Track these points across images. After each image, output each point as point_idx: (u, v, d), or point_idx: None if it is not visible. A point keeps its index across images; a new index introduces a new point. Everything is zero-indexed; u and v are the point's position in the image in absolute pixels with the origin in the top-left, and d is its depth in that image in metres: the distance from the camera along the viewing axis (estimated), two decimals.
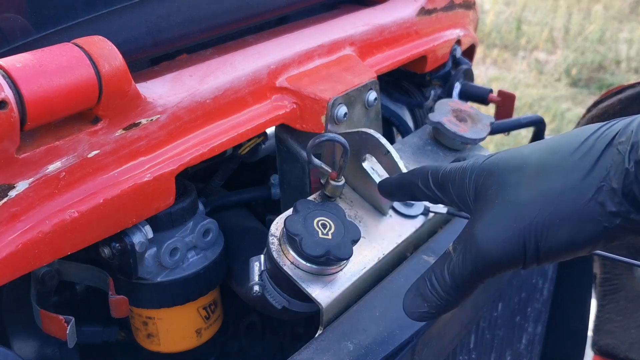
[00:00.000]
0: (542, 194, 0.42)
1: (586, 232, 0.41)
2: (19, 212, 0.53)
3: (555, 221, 0.42)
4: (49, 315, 0.64)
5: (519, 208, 0.43)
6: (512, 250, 0.43)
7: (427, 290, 0.49)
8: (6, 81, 0.49)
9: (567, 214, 0.41)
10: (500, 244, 0.43)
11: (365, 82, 0.77)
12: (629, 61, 4.20)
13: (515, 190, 0.44)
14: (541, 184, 0.43)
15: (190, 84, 0.66)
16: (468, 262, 0.46)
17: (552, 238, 0.42)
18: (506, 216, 0.43)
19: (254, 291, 0.64)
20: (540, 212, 0.42)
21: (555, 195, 0.42)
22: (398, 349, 0.57)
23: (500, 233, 0.43)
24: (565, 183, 0.42)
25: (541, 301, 0.97)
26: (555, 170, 0.43)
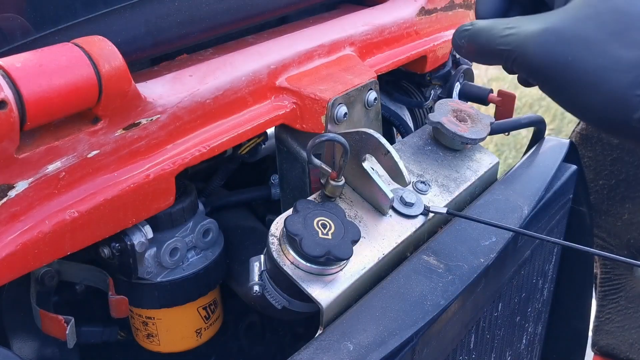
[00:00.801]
0: (619, 55, 0.42)
1: (612, 108, 0.42)
2: (19, 212, 0.53)
3: (604, 77, 0.42)
4: (49, 316, 0.64)
5: (588, 42, 0.43)
6: (553, 64, 0.44)
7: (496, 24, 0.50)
8: (6, 81, 0.49)
9: (617, 86, 0.42)
10: (550, 48, 0.44)
11: (365, 82, 0.77)
12: None
13: (606, 26, 0.44)
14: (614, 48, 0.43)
15: (190, 84, 0.66)
16: (505, 37, 0.47)
17: (589, 87, 0.43)
18: (570, 36, 0.44)
19: (254, 291, 0.64)
20: (604, 61, 0.42)
21: (626, 66, 0.42)
22: (398, 349, 0.57)
23: (563, 37, 0.44)
24: (636, 68, 0.42)
25: (541, 301, 0.97)
26: (633, 47, 0.43)
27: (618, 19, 0.44)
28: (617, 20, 0.44)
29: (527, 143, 1.02)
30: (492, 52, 0.51)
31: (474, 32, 0.53)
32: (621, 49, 0.43)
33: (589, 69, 0.43)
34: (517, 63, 0.49)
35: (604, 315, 1.27)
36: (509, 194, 0.80)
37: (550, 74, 0.45)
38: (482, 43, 0.52)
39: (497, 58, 0.51)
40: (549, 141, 0.94)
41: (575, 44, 0.44)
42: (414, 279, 0.65)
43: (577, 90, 0.43)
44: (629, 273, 1.23)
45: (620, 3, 0.45)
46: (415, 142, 0.84)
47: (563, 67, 0.44)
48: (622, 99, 0.42)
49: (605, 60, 0.43)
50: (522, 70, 0.49)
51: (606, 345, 1.26)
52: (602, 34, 0.44)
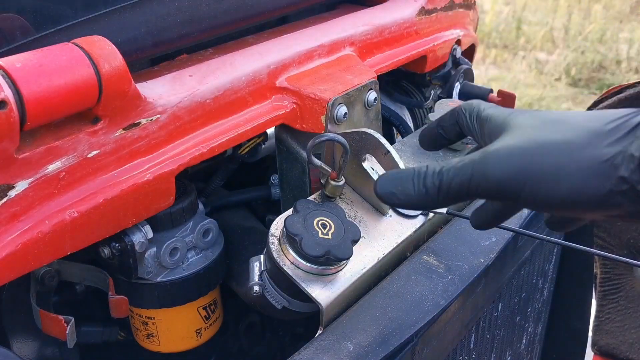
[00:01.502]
0: (566, 140, 0.44)
1: (590, 188, 0.42)
2: (19, 212, 0.53)
3: (568, 166, 0.43)
4: (49, 316, 0.64)
5: (532, 138, 0.44)
6: (511, 175, 0.44)
7: (409, 177, 0.49)
8: (6, 81, 0.49)
9: (582, 164, 0.42)
10: (503, 165, 0.44)
11: (365, 82, 0.77)
12: (629, 61, 4.20)
13: (543, 130, 0.45)
14: (569, 134, 0.44)
15: (190, 84, 0.66)
16: (467, 169, 0.46)
17: (557, 181, 0.43)
18: (518, 141, 0.45)
19: (254, 291, 0.64)
20: (558, 152, 0.43)
21: (578, 146, 0.43)
22: (398, 349, 0.57)
23: (508, 153, 0.44)
24: (590, 141, 0.43)
25: (541, 301, 0.97)
26: (584, 129, 0.44)
27: (556, 123, 0.46)
28: (555, 124, 0.46)
29: None
30: (450, 192, 0.48)
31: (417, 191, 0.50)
32: (571, 135, 0.44)
33: (553, 162, 0.44)
34: (483, 190, 0.47)
35: (603, 315, 1.27)
36: None
37: (521, 185, 0.44)
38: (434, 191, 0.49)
39: (457, 196, 0.49)
40: None
41: (529, 149, 0.45)
42: (414, 279, 0.65)
43: (550, 186, 0.44)
44: (629, 273, 1.23)
45: (551, 115, 0.47)
46: (415, 142, 0.84)
47: (529, 173, 0.44)
48: (594, 173, 0.42)
49: (563, 148, 0.44)
50: (490, 195, 0.47)
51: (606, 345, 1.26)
52: (549, 134, 0.45)
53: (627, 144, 0.42)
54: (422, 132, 0.61)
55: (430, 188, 0.48)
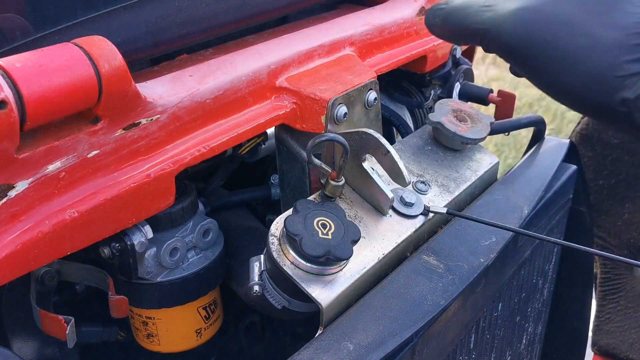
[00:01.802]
0: (595, 35, 0.41)
1: (593, 96, 0.41)
2: (19, 212, 0.53)
3: (583, 63, 0.41)
4: (49, 316, 0.64)
5: (565, 19, 0.42)
6: (523, 46, 0.43)
7: (452, 11, 0.49)
8: (6, 81, 0.49)
9: (596, 70, 0.40)
10: (519, 33, 0.43)
11: (365, 82, 0.77)
12: None
13: (587, 4, 0.42)
14: (601, 28, 0.41)
15: (190, 84, 0.66)
16: (486, 21, 0.45)
17: (566, 73, 0.41)
18: (545, 9, 0.42)
19: (254, 291, 0.64)
20: (579, 44, 0.41)
21: (601, 48, 0.41)
22: (398, 349, 0.57)
23: (542, 14, 0.42)
24: (614, 49, 0.40)
25: (541, 301, 0.97)
26: (616, 36, 0.41)
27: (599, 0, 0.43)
28: (598, 1, 0.42)
29: (527, 143, 1.02)
30: (467, 31, 0.49)
31: (449, 10, 0.51)
32: (601, 29, 0.41)
33: (568, 48, 0.41)
34: (494, 43, 0.46)
35: (603, 315, 1.27)
36: (509, 194, 0.80)
37: (528, 53, 0.43)
38: (457, 22, 0.50)
39: (473, 38, 0.49)
40: (549, 141, 0.94)
41: (554, 23, 0.42)
42: (414, 279, 0.65)
43: (555, 71, 0.42)
44: (629, 273, 1.23)
45: None
46: (415, 142, 0.84)
47: (541, 47, 0.42)
48: (601, 81, 0.40)
49: (584, 40, 0.41)
50: (498, 50, 0.47)
51: (606, 345, 1.26)
52: (582, 13, 0.42)
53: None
54: None
55: (459, 25, 0.48)
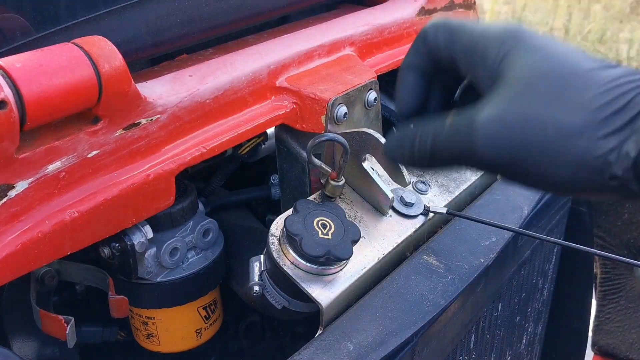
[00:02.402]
0: (562, 124, 0.40)
1: (581, 180, 0.40)
2: (19, 212, 0.53)
3: (562, 154, 0.40)
4: (49, 316, 0.64)
5: (535, 122, 0.41)
6: (499, 159, 0.42)
7: (407, 141, 0.48)
8: (6, 81, 0.49)
9: (575, 156, 0.40)
10: (493, 146, 0.42)
11: (365, 82, 0.77)
12: (630, 61, 4.20)
13: (529, 91, 0.42)
14: (566, 116, 0.41)
15: (190, 84, 0.66)
16: (455, 137, 0.44)
17: (547, 169, 0.41)
18: (513, 120, 0.42)
19: (254, 291, 0.64)
20: (551, 138, 0.40)
21: (572, 133, 0.40)
22: (398, 349, 0.57)
23: (502, 135, 0.41)
24: (586, 129, 0.40)
25: (541, 301, 0.97)
26: (584, 115, 0.40)
27: (551, 85, 0.42)
28: (550, 87, 0.42)
29: None
30: (442, 163, 0.47)
31: (414, 151, 0.48)
32: (566, 115, 0.41)
33: (543, 146, 0.41)
34: (472, 166, 0.46)
35: (604, 315, 1.27)
36: (509, 194, 0.80)
37: (507, 165, 0.42)
38: (425, 158, 0.48)
39: (451, 165, 0.48)
40: None
41: (520, 127, 0.41)
42: (414, 279, 0.65)
43: (539, 171, 0.41)
44: (629, 273, 1.23)
45: (547, 66, 0.43)
46: None
47: (517, 155, 0.41)
48: (586, 165, 0.40)
49: (555, 132, 0.41)
50: (479, 169, 0.47)
51: (606, 345, 1.26)
52: (543, 107, 0.41)
53: (623, 138, 0.39)
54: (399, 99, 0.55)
55: (423, 156, 0.47)
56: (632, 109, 0.40)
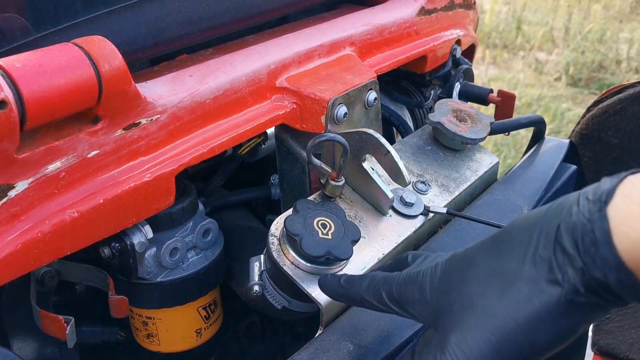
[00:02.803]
0: (511, 303, 0.43)
1: (564, 331, 0.42)
2: (19, 212, 0.53)
3: (534, 327, 0.42)
4: (49, 316, 0.64)
5: (493, 320, 0.43)
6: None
7: None
8: (6, 81, 0.49)
9: (544, 317, 0.42)
10: (482, 355, 0.43)
11: (365, 82, 0.77)
12: (630, 61, 4.20)
13: (482, 301, 0.44)
14: (508, 292, 0.43)
15: (190, 84, 0.66)
16: None
17: (533, 344, 0.42)
18: (482, 328, 0.43)
19: (254, 291, 0.64)
20: (517, 321, 0.42)
21: (526, 302, 0.42)
22: (398, 349, 0.57)
23: (480, 345, 0.43)
24: (531, 290, 0.42)
25: None
26: (516, 278, 0.43)
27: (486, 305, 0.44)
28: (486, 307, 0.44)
29: (527, 143, 1.02)
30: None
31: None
32: (508, 320, 0.43)
33: (515, 351, 0.43)
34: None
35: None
36: (509, 194, 0.80)
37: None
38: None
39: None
40: (549, 141, 0.94)
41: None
42: None
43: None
44: None
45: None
46: (415, 142, 0.84)
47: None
48: (559, 331, 0.42)
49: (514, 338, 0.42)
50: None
51: (606, 345, 1.26)
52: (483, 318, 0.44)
53: (563, 277, 0.41)
54: None
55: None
56: (548, 244, 0.42)
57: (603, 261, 0.39)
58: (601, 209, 0.39)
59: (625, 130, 1.10)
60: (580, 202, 0.41)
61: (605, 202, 0.39)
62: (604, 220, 0.39)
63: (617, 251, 0.38)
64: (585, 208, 0.40)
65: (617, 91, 1.12)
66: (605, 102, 1.13)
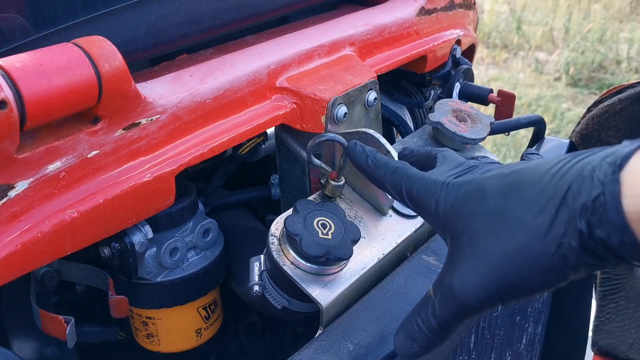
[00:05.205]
0: (509, 247, 0.45)
1: (554, 278, 0.44)
2: (19, 212, 0.53)
3: (525, 273, 0.45)
4: (49, 316, 0.64)
5: (490, 262, 0.46)
6: (488, 298, 0.47)
7: (415, 331, 0.52)
8: (6, 81, 0.49)
9: (535, 266, 0.44)
10: (477, 295, 0.47)
11: (365, 82, 0.77)
12: (630, 61, 4.20)
13: (484, 241, 0.47)
14: (507, 237, 0.46)
15: (190, 84, 0.66)
16: (449, 307, 0.49)
17: (524, 286, 0.45)
18: (480, 271, 0.47)
19: (254, 291, 0.64)
20: (510, 265, 0.45)
21: (522, 250, 0.45)
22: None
23: (477, 285, 0.47)
24: (529, 238, 0.44)
25: (541, 301, 0.97)
26: (519, 224, 0.45)
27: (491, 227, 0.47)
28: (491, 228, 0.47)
29: (526, 143, 1.02)
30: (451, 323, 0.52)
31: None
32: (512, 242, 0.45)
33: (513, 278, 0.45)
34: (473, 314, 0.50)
35: (604, 315, 1.27)
36: None
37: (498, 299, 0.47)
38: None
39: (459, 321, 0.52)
40: (549, 141, 0.94)
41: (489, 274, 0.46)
42: (414, 279, 0.65)
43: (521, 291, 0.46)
44: (629, 273, 1.23)
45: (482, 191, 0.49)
46: (415, 142, 0.84)
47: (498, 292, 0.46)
48: (550, 269, 0.44)
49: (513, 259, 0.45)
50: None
51: (606, 345, 1.26)
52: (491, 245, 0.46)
53: (562, 232, 0.43)
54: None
55: (437, 333, 0.51)
56: (555, 199, 0.44)
57: (609, 223, 0.40)
58: (614, 172, 0.41)
59: (626, 131, 1.10)
60: (597, 163, 0.42)
61: (620, 166, 0.41)
62: (615, 183, 0.40)
63: (624, 214, 0.40)
64: (601, 170, 0.41)
65: (617, 91, 1.12)
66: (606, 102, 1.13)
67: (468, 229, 0.48)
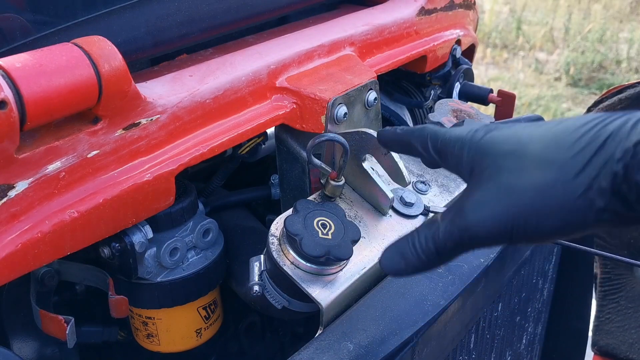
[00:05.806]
0: (535, 183, 0.44)
1: (574, 223, 0.43)
2: (19, 212, 0.53)
3: (546, 210, 0.44)
4: (49, 316, 0.64)
5: (512, 194, 0.45)
6: (500, 231, 0.45)
7: (408, 250, 0.50)
8: (6, 81, 0.49)
9: (558, 205, 0.43)
10: (489, 225, 0.45)
11: (365, 82, 0.77)
12: (630, 61, 4.20)
13: (509, 175, 0.46)
14: (535, 174, 0.45)
15: (190, 84, 0.66)
16: (454, 233, 0.48)
17: (540, 225, 0.44)
18: (499, 200, 0.45)
19: (254, 291, 0.64)
20: (532, 200, 0.44)
21: (548, 187, 0.44)
22: (398, 349, 0.57)
23: (491, 215, 0.45)
24: (558, 177, 0.43)
25: (541, 301, 0.97)
26: (550, 164, 0.44)
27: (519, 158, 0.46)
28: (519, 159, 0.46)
29: None
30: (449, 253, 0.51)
31: None
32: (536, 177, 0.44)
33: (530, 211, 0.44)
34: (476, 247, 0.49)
35: (604, 315, 1.27)
36: None
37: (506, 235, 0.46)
38: None
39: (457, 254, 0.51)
40: None
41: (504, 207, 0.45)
42: (414, 279, 0.65)
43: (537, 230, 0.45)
44: (629, 273, 1.23)
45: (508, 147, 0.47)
46: None
47: (511, 227, 0.45)
48: (573, 211, 0.43)
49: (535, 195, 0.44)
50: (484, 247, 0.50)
51: (606, 345, 1.26)
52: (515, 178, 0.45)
53: (595, 174, 0.42)
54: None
55: (430, 256, 0.50)
56: (595, 144, 0.43)
57: None
58: None
59: None
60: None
61: None
62: None
63: None
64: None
65: (617, 91, 1.12)
66: (606, 102, 1.13)
67: (494, 163, 0.47)
